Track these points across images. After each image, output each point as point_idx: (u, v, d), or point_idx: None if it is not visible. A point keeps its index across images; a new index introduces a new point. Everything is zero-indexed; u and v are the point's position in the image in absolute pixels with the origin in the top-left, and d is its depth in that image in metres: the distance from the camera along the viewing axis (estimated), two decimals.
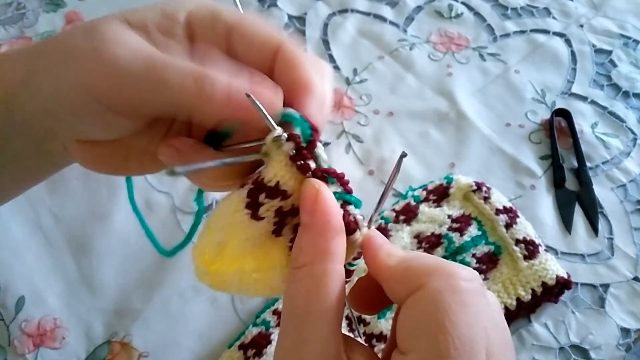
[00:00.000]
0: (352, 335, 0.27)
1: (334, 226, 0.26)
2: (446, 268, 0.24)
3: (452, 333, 0.22)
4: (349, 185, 0.28)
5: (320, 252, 0.25)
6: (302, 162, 0.26)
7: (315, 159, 0.27)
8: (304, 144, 0.27)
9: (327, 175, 0.27)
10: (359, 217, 0.28)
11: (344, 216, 0.27)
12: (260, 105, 0.26)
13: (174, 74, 0.26)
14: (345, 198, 0.27)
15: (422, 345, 0.23)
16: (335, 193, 0.27)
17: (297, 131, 0.27)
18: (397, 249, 0.27)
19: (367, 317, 0.47)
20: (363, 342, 0.28)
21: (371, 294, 0.28)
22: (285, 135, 0.27)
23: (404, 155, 0.27)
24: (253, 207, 0.27)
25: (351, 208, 0.28)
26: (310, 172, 0.27)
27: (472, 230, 0.51)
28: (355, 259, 0.29)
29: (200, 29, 0.28)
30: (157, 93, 0.26)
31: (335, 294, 0.25)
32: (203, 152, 0.29)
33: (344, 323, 0.44)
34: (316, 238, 0.25)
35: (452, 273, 0.24)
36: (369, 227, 0.28)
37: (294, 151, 0.27)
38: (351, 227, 0.27)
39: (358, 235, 0.27)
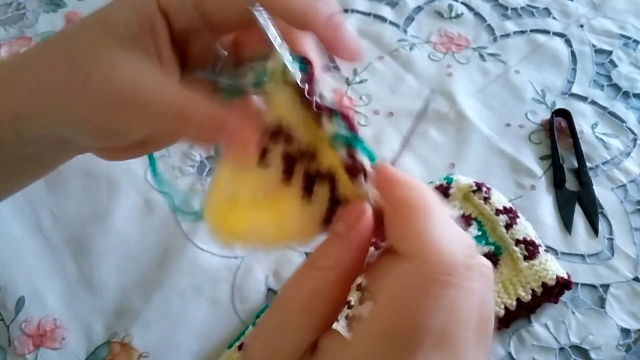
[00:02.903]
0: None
1: (363, 249, 0.26)
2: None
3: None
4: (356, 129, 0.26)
5: (341, 265, 0.25)
6: (308, 96, 0.25)
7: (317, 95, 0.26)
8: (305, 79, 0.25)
9: (333, 113, 0.25)
10: (367, 165, 0.26)
11: (351, 158, 0.25)
12: (266, 25, 0.25)
13: (156, 107, 0.27)
14: (354, 143, 0.25)
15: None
16: (342, 136, 0.25)
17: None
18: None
19: (352, 300, 0.46)
20: None
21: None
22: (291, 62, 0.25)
23: (432, 94, 0.26)
24: (259, 155, 0.27)
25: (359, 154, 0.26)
26: (315, 108, 0.25)
27: (472, 231, 0.51)
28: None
29: (173, 11, 0.28)
30: (143, 121, 0.28)
31: (334, 303, 0.25)
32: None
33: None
34: (343, 252, 0.26)
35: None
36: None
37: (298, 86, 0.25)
38: (357, 169, 0.25)
39: (362, 183, 0.26)
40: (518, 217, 0.51)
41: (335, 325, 0.26)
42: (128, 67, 0.27)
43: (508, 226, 0.50)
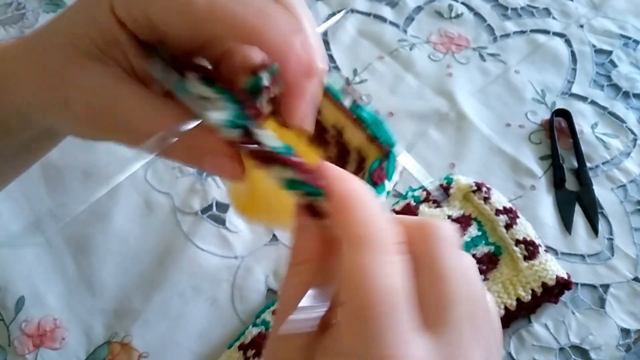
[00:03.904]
0: None
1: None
2: None
3: None
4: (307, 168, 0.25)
5: (317, 253, 0.25)
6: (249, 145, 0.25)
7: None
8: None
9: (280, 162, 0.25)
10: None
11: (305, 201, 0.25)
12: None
13: (136, 123, 0.27)
14: (305, 190, 0.25)
15: None
16: (291, 182, 0.25)
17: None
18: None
19: None
20: None
21: None
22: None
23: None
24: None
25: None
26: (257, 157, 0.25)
27: (472, 231, 0.51)
28: None
29: (129, 24, 0.27)
30: (126, 135, 0.28)
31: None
32: None
33: None
34: (315, 241, 0.25)
35: None
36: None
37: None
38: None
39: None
40: (518, 217, 0.51)
41: None
42: (104, 84, 0.27)
43: (508, 226, 0.50)
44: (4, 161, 0.36)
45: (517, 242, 0.49)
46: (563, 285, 0.48)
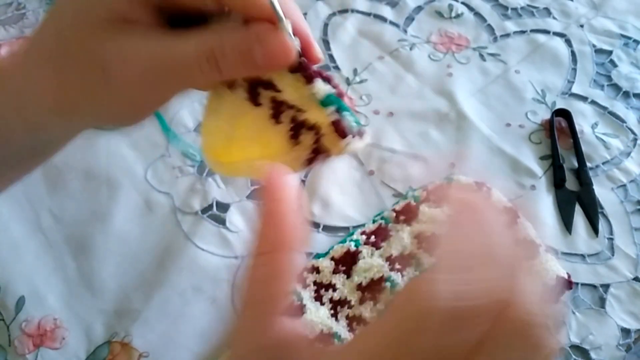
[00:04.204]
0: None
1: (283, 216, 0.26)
2: None
3: None
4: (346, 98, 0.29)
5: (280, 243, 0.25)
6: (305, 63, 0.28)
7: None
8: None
9: (326, 79, 0.28)
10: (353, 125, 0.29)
11: (339, 119, 0.28)
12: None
13: (184, 59, 0.27)
14: (342, 107, 0.28)
15: None
16: (331, 96, 0.28)
17: None
18: None
19: (352, 300, 0.47)
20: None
21: None
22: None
23: None
24: (253, 94, 0.29)
25: (346, 115, 0.29)
26: (311, 73, 0.28)
27: None
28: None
29: None
30: (176, 81, 0.28)
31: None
32: None
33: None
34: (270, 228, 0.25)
35: None
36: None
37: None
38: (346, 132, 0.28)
39: (347, 142, 0.28)
40: (518, 216, 0.51)
41: (335, 327, 0.26)
42: (136, 42, 0.27)
43: (508, 226, 0.50)
44: (6, 167, 0.35)
45: (517, 242, 0.49)
46: (563, 285, 0.48)
